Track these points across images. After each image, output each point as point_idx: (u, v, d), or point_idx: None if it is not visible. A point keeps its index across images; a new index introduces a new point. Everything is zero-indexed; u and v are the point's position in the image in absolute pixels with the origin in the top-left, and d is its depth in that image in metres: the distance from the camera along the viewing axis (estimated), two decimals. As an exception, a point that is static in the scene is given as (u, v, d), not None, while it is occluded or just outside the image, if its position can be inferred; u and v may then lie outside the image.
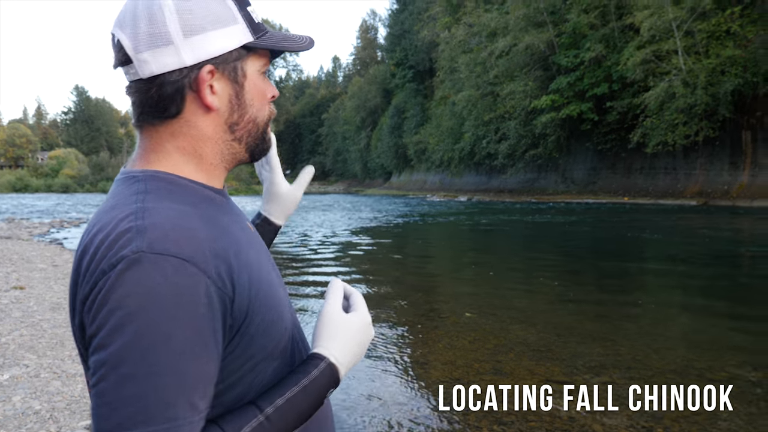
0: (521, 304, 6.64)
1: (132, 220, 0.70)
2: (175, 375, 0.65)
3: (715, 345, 4.81)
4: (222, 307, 0.71)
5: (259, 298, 0.77)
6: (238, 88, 0.82)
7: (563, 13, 37.89)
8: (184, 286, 0.67)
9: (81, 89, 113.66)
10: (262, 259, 0.85)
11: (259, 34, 0.83)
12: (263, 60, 0.86)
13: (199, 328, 0.67)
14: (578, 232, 15.86)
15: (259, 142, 0.89)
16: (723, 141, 28.65)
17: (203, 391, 0.68)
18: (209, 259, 0.70)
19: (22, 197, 57.86)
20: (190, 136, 0.82)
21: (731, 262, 9.97)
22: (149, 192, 0.76)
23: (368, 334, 0.89)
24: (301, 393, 0.77)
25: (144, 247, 0.67)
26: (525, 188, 42.43)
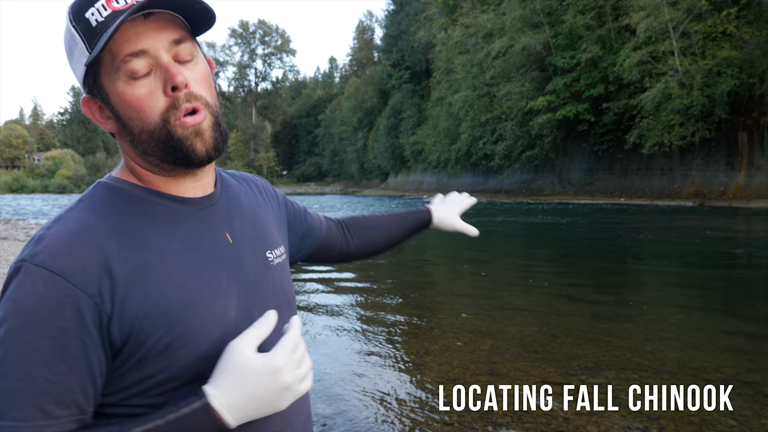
0: (517, 304, 6.65)
1: (43, 228, 0.75)
2: (25, 381, 0.68)
3: (712, 345, 4.82)
4: (97, 322, 0.71)
5: (157, 319, 0.74)
6: (111, 108, 0.79)
7: (559, 14, 37.93)
8: (50, 298, 0.69)
9: (77, 90, 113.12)
10: (203, 277, 0.80)
11: (93, 43, 0.74)
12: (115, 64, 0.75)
13: (60, 340, 0.69)
14: (575, 232, 15.88)
15: (166, 150, 0.79)
16: (719, 142, 28.73)
17: (59, 398, 0.69)
18: (90, 275, 0.71)
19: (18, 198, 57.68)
20: (124, 153, 0.85)
21: (728, 263, 9.99)
22: (84, 200, 0.80)
23: (275, 383, 0.74)
24: (164, 427, 0.71)
25: (27, 256, 0.71)
26: (521, 189, 42.46)
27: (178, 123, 0.77)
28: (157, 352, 0.75)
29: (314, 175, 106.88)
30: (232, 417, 0.73)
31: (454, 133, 50.53)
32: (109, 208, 0.78)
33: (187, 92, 0.77)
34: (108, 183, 0.83)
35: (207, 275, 0.81)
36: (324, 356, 4.82)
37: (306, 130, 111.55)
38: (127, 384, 0.76)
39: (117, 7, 0.74)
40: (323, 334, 5.52)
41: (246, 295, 0.86)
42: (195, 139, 0.79)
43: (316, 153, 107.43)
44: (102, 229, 0.75)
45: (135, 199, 0.81)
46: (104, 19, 0.73)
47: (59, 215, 0.77)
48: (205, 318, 0.78)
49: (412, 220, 1.41)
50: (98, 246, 0.73)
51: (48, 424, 0.69)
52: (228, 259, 0.85)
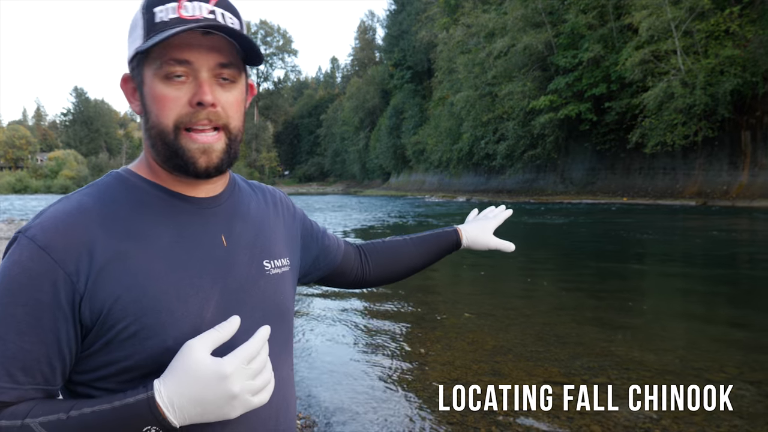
0: (520, 304, 6.65)
1: (47, 206, 0.81)
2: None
3: (715, 345, 4.81)
4: (70, 299, 0.75)
5: (127, 306, 0.76)
6: (141, 95, 0.84)
7: (561, 13, 37.88)
8: (31, 269, 0.74)
9: (80, 91, 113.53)
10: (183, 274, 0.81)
11: (150, 36, 0.80)
12: (160, 63, 0.80)
13: (33, 309, 0.74)
14: (577, 232, 15.87)
15: (168, 154, 0.83)
16: (722, 141, 28.65)
17: (26, 365, 0.74)
18: (71, 253, 0.75)
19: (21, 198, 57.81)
20: (143, 136, 0.89)
21: (731, 263, 9.97)
22: (93, 185, 0.86)
23: (220, 390, 0.73)
24: (109, 412, 0.72)
25: (23, 229, 0.78)
26: (523, 189, 42.42)
27: (188, 135, 0.82)
28: (124, 338, 0.77)
29: (316, 175, 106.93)
30: (173, 416, 0.72)
31: (455, 133, 50.50)
32: (109, 196, 0.83)
33: (211, 111, 0.81)
34: (119, 173, 0.88)
35: (190, 272, 0.82)
36: (326, 356, 4.83)
37: (308, 130, 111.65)
38: (94, 366, 0.79)
39: (184, 15, 0.79)
40: (325, 334, 5.52)
41: (229, 298, 0.86)
42: (200, 155, 0.82)
43: (317, 153, 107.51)
44: (94, 213, 0.79)
45: (137, 191, 0.85)
46: (168, 21, 0.79)
47: (64, 196, 0.84)
48: (177, 313, 0.79)
49: (438, 244, 1.37)
50: (85, 228, 0.77)
51: (12, 387, 0.73)
52: (218, 260, 0.86)
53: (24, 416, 0.73)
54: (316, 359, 4.73)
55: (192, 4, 0.80)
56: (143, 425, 0.72)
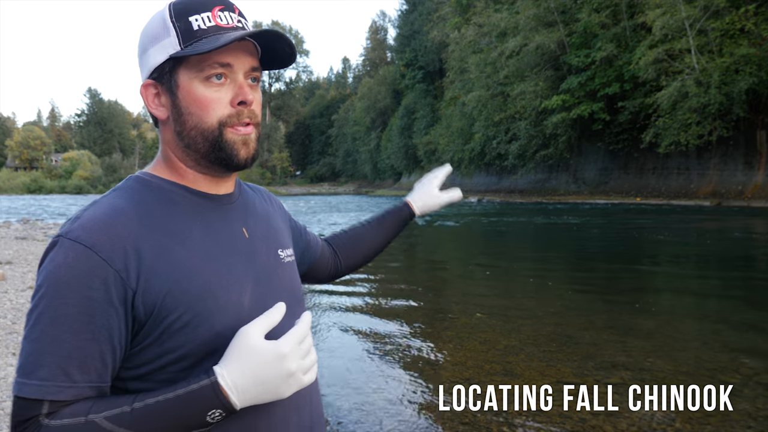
0: (532, 304, 6.63)
1: (80, 210, 0.84)
2: (52, 344, 0.76)
3: (730, 346, 4.77)
4: (122, 296, 0.78)
5: (177, 297, 0.81)
6: (174, 99, 0.88)
7: (574, 12, 37.67)
8: (80, 269, 0.77)
9: (94, 91, 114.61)
10: (220, 264, 0.87)
11: (188, 43, 0.85)
12: (202, 66, 0.85)
13: (86, 308, 0.77)
14: (589, 233, 15.78)
15: (211, 149, 0.88)
16: (737, 140, 28.35)
17: (81, 363, 0.77)
18: (117, 252, 0.78)
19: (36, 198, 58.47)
20: (163, 142, 0.93)
21: (746, 265, 9.87)
22: (119, 189, 0.89)
23: (279, 369, 0.78)
24: (174, 400, 0.76)
25: (64, 232, 0.80)
26: (536, 189, 42.24)
27: (232, 130, 0.88)
28: (177, 328, 0.81)
29: (327, 175, 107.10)
30: (237, 397, 0.77)
31: (467, 133, 50.39)
32: (138, 197, 0.87)
33: (249, 109, 0.89)
34: (139, 176, 0.92)
35: (224, 263, 0.88)
36: (337, 357, 4.85)
37: (319, 131, 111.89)
38: (147, 358, 0.82)
39: (221, 23, 0.86)
40: (336, 335, 5.54)
41: (260, 285, 0.92)
42: (242, 146, 0.89)
43: (329, 153, 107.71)
44: (131, 213, 0.83)
45: (162, 192, 0.90)
46: (207, 29, 0.85)
47: (94, 200, 0.86)
48: (221, 300, 0.85)
49: (393, 222, 1.44)
50: (127, 227, 0.81)
51: (69, 386, 0.76)
52: (244, 251, 0.93)
53: (86, 413, 0.75)
54: (327, 359, 4.75)
55: (224, 14, 0.87)
56: (208, 409, 0.76)
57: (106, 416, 0.75)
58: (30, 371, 0.76)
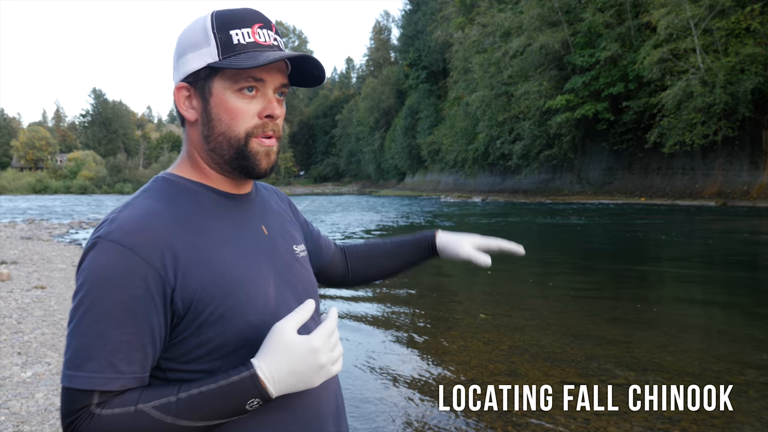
0: (536, 305, 6.62)
1: (115, 211, 0.89)
2: (100, 338, 0.81)
3: (735, 347, 4.75)
4: (161, 292, 0.84)
5: (212, 292, 0.87)
6: (205, 104, 0.94)
7: (578, 12, 37.61)
8: (121, 268, 0.82)
9: (98, 92, 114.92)
10: (247, 260, 0.93)
11: (227, 55, 0.90)
12: (237, 79, 0.91)
13: (128, 305, 0.82)
14: (594, 233, 15.75)
15: (235, 157, 0.94)
16: (742, 140, 28.24)
17: (126, 355, 0.82)
18: (155, 251, 0.84)
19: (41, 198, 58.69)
20: (189, 142, 0.99)
21: (751, 266, 9.84)
22: (148, 190, 0.94)
23: (312, 361, 0.85)
24: (216, 391, 0.82)
25: (102, 234, 0.84)
26: (540, 189, 42.17)
27: (257, 140, 0.94)
28: (213, 320, 0.87)
29: (331, 175, 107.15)
30: (273, 387, 0.84)
31: (471, 133, 50.35)
32: (169, 198, 0.92)
33: (274, 122, 0.95)
34: (166, 177, 0.97)
35: (250, 259, 0.94)
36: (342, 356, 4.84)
37: (323, 131, 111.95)
38: (186, 349, 0.88)
39: (259, 41, 0.92)
40: (340, 335, 5.55)
41: (280, 278, 0.99)
42: (264, 157, 0.95)
43: (333, 153, 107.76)
44: (165, 214, 0.89)
45: (190, 192, 0.95)
46: (246, 44, 0.91)
47: (127, 202, 0.91)
48: (251, 293, 0.91)
49: (414, 248, 1.37)
50: (163, 227, 0.86)
51: (116, 377, 0.82)
52: (265, 247, 0.99)
53: (135, 403, 0.81)
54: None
55: (262, 31, 0.93)
56: (248, 398, 0.83)
57: (154, 405, 0.81)
58: (79, 364, 0.81)
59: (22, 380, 3.87)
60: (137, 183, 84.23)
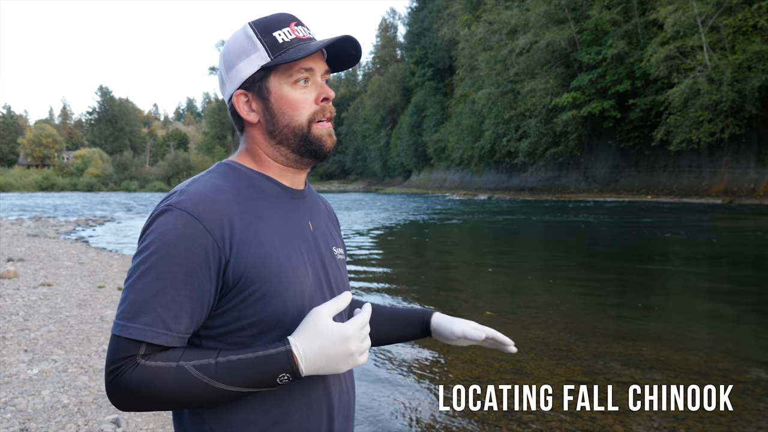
0: (542, 303, 6.61)
1: (185, 185, 0.97)
2: (155, 295, 0.88)
3: (741, 346, 4.73)
4: (217, 262, 0.90)
5: (260, 271, 0.93)
6: (266, 103, 1.02)
7: (585, 9, 37.42)
8: (186, 234, 0.89)
9: (105, 89, 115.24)
10: (292, 249, 1.00)
11: (277, 54, 0.99)
12: (290, 72, 1.00)
13: (187, 268, 0.89)
14: (600, 231, 15.69)
15: (301, 143, 1.03)
16: (749, 138, 28.06)
17: (176, 314, 0.89)
18: (217, 224, 0.91)
19: (48, 196, 58.97)
20: (251, 142, 1.06)
21: (758, 264, 9.78)
22: (213, 171, 1.02)
23: (343, 348, 0.91)
24: (253, 360, 0.89)
25: (173, 202, 0.92)
26: (546, 187, 42.04)
27: (319, 125, 1.02)
28: (257, 298, 0.94)
29: (337, 172, 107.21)
30: (304, 365, 0.90)
31: (477, 131, 50.22)
32: (232, 179, 1.00)
33: (329, 104, 1.03)
34: (228, 163, 1.05)
35: (295, 248, 1.01)
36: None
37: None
38: (225, 321, 0.94)
39: (300, 35, 1.01)
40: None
41: (319, 272, 1.05)
42: (328, 137, 1.04)
43: (339, 151, 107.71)
44: (229, 192, 0.96)
45: (251, 179, 1.02)
46: (289, 41, 1.00)
47: (194, 178, 0.99)
48: (292, 279, 0.97)
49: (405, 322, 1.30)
50: (226, 204, 0.94)
51: (164, 332, 0.88)
52: (309, 241, 1.06)
53: (178, 359, 0.88)
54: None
55: (299, 28, 1.02)
56: (280, 372, 0.89)
57: (194, 365, 0.88)
58: (133, 316, 0.88)
59: (28, 377, 3.88)
60: (143, 180, 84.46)
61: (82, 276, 8.28)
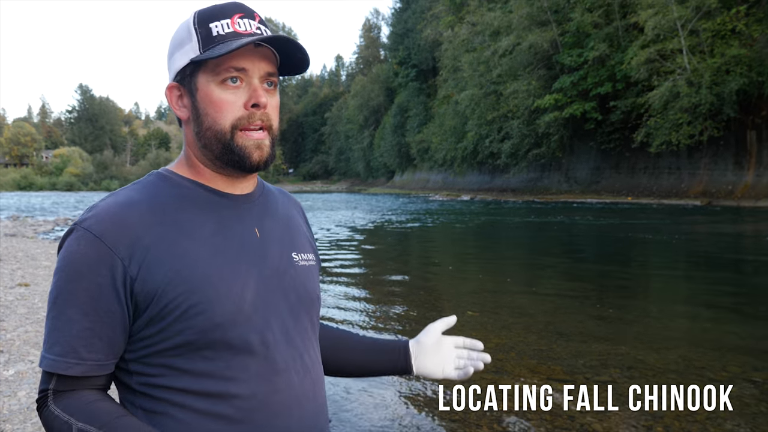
0: (523, 303, 6.65)
1: (100, 200, 0.91)
2: (66, 323, 0.84)
3: (716, 345, 4.81)
4: (123, 281, 0.85)
5: (177, 286, 0.85)
6: (193, 100, 0.93)
7: (567, 11, 37.77)
8: (88, 255, 0.84)
9: (85, 88, 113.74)
10: (225, 259, 0.91)
11: (207, 47, 0.90)
12: (218, 70, 0.90)
13: (93, 292, 0.84)
14: (581, 232, 15.85)
15: (223, 151, 0.92)
16: (727, 141, 28.55)
17: (88, 342, 0.84)
18: (122, 240, 0.84)
19: (26, 195, 58.04)
20: (185, 141, 0.99)
21: (735, 265, 9.95)
22: (138, 183, 0.95)
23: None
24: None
25: (80, 220, 0.87)
26: (528, 188, 42.36)
27: (245, 133, 0.92)
28: (177, 315, 0.86)
29: (320, 173, 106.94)
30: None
31: (460, 132, 50.43)
32: (154, 190, 0.93)
33: (262, 112, 0.92)
34: (160, 172, 0.98)
35: (230, 258, 0.92)
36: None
37: (312, 129, 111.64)
38: (147, 343, 0.88)
39: (239, 30, 0.90)
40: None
41: (265, 282, 0.95)
42: (255, 150, 0.93)
43: (322, 151, 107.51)
44: (143, 205, 0.89)
45: (180, 188, 0.95)
46: (224, 35, 0.90)
47: (113, 192, 0.93)
48: (221, 293, 0.88)
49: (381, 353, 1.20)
50: (136, 218, 0.87)
51: (77, 362, 0.84)
52: (253, 250, 0.96)
53: (72, 414, 0.84)
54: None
55: (243, 21, 0.91)
56: None
57: (80, 428, 0.82)
58: (48, 347, 0.85)
59: (4, 378, 3.82)
60: (124, 180, 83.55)
61: (61, 276, 8.16)
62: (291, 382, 0.93)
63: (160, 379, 0.88)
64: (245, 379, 0.89)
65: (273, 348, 0.92)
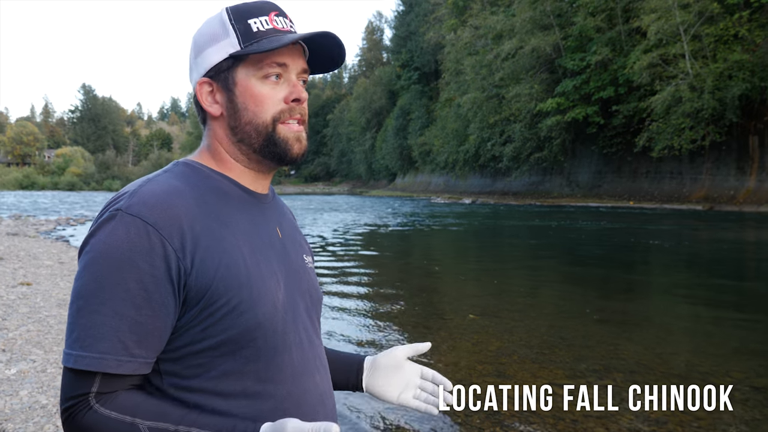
0: (525, 306, 6.65)
1: (136, 185, 0.85)
2: (115, 318, 0.77)
3: (721, 349, 4.80)
4: (177, 274, 0.80)
5: (228, 282, 0.83)
6: (230, 95, 0.92)
7: (570, 16, 37.81)
8: (140, 245, 0.78)
9: (88, 88, 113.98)
10: (261, 257, 0.90)
11: (248, 43, 0.90)
12: (260, 65, 0.91)
13: (147, 285, 0.78)
14: (582, 235, 15.83)
15: (265, 144, 0.92)
16: (730, 146, 28.53)
17: (139, 338, 0.79)
18: (176, 231, 0.80)
19: (28, 194, 58.12)
20: (211, 137, 0.97)
21: (737, 269, 9.93)
22: (169, 171, 0.91)
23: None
24: None
25: (123, 206, 0.80)
26: (529, 191, 42.34)
27: (286, 126, 0.93)
28: (224, 313, 0.83)
29: (322, 175, 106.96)
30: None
31: (462, 135, 50.44)
32: (192, 180, 0.90)
33: (301, 106, 0.94)
34: (187, 162, 0.95)
35: (263, 256, 0.91)
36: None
37: (314, 130, 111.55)
38: (187, 341, 0.84)
39: (277, 27, 0.92)
40: (327, 334, 5.54)
41: (291, 281, 0.96)
42: (295, 142, 0.94)
43: (324, 153, 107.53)
44: (188, 194, 0.86)
45: (212, 180, 0.93)
46: (265, 31, 0.90)
47: (148, 178, 0.88)
48: (262, 290, 0.87)
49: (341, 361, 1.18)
50: (185, 207, 0.83)
51: (128, 360, 0.78)
52: (278, 248, 0.96)
53: (133, 413, 0.78)
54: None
55: (279, 18, 0.93)
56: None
57: (150, 427, 0.77)
58: (89, 344, 0.77)
59: (6, 377, 3.82)
60: (126, 180, 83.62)
61: (63, 275, 8.17)
62: (315, 381, 0.95)
63: (193, 380, 0.84)
64: (281, 380, 0.89)
65: (300, 348, 0.93)
